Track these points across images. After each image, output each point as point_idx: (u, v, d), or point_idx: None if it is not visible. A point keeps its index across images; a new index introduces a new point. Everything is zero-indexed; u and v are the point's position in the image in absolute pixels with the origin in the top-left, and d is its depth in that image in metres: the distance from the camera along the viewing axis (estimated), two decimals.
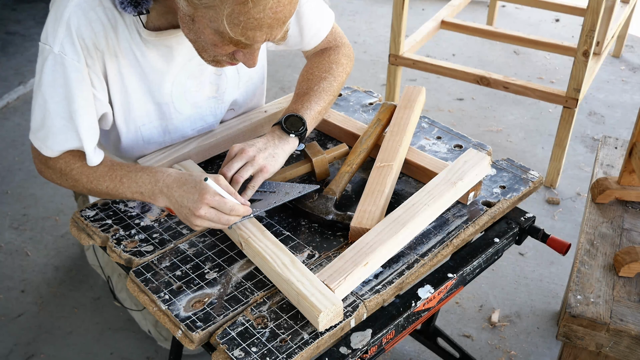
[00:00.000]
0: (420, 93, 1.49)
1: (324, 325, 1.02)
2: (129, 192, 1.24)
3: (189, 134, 1.44)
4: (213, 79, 1.39)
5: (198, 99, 1.39)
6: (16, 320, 1.96)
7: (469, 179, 1.25)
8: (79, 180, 1.28)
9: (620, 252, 1.42)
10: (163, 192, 1.20)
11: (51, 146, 1.26)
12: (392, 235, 1.12)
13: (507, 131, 2.93)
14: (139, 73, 1.27)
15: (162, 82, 1.31)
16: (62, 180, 1.31)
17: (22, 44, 3.62)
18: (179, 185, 1.18)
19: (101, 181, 1.26)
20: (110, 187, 1.25)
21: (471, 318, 1.99)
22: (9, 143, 2.81)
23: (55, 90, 1.20)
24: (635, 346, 1.28)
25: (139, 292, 1.12)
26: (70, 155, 1.28)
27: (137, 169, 1.24)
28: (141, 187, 1.22)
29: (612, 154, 1.79)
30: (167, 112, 1.36)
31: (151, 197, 1.22)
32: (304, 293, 1.03)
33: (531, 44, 2.85)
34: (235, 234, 1.18)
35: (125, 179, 1.24)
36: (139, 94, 1.30)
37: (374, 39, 3.82)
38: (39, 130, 1.25)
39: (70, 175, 1.28)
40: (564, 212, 2.42)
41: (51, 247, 2.24)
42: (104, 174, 1.26)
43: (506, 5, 4.22)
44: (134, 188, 1.23)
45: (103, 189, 1.26)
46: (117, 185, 1.24)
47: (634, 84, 3.33)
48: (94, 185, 1.27)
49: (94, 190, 1.28)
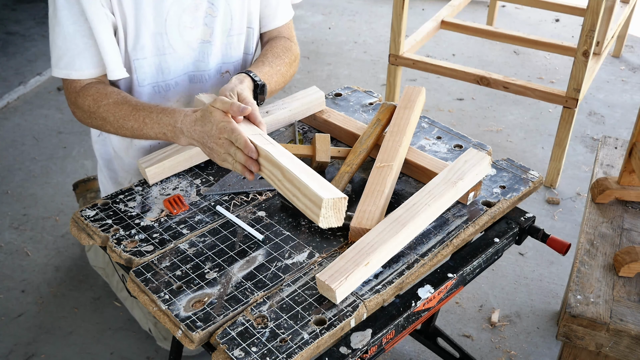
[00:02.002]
0: (420, 93, 1.49)
1: (333, 223, 1.06)
2: (152, 133, 1.30)
3: (182, 80, 1.48)
4: (209, 21, 1.43)
5: (192, 39, 1.43)
6: (16, 320, 1.96)
7: (469, 179, 1.25)
8: (107, 118, 1.33)
9: (620, 252, 1.42)
10: (184, 132, 1.26)
11: (79, 67, 1.33)
12: (393, 235, 1.13)
13: (507, 131, 2.93)
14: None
15: (157, 7, 1.35)
16: (93, 120, 1.36)
17: (22, 44, 3.62)
18: (196, 122, 1.24)
19: (126, 120, 1.32)
20: (135, 127, 1.31)
21: (471, 318, 1.99)
22: (9, 143, 2.81)
23: (71, 11, 1.28)
24: (635, 346, 1.28)
25: (139, 292, 1.12)
26: (97, 93, 1.34)
27: (158, 110, 1.30)
28: (163, 128, 1.28)
29: (612, 154, 1.79)
30: (160, 45, 1.39)
31: (174, 138, 1.28)
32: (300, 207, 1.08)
33: (531, 44, 2.85)
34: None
35: (148, 120, 1.30)
36: (133, 22, 1.34)
37: (374, 39, 3.82)
38: (62, 57, 1.32)
39: (98, 113, 1.34)
40: (564, 212, 2.42)
41: (51, 247, 2.24)
42: (128, 113, 1.31)
43: (506, 5, 4.22)
44: (157, 129, 1.29)
45: (129, 127, 1.32)
46: (142, 125, 1.30)
47: (634, 84, 3.34)
48: (120, 124, 1.32)
49: (122, 129, 1.33)
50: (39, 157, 2.72)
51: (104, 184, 1.71)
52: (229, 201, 1.32)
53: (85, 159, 2.71)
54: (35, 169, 2.64)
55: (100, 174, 1.71)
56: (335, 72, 3.43)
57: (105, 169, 1.66)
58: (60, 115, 3.02)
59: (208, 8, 1.42)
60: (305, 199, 1.08)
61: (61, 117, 3.00)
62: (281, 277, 1.13)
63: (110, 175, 1.66)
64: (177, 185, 1.37)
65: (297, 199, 1.11)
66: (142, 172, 1.37)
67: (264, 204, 1.32)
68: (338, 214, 1.07)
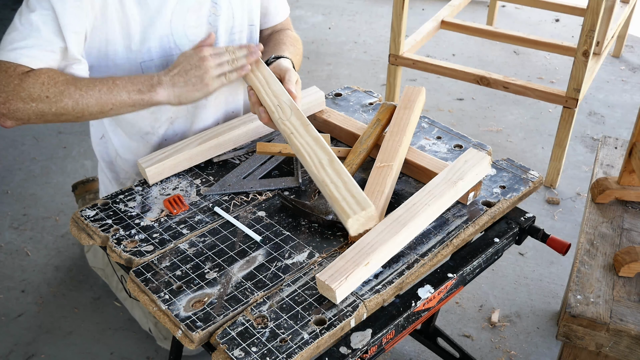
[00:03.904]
0: (420, 93, 1.49)
1: (355, 230, 1.04)
2: (124, 93, 1.24)
3: None
4: (212, 20, 1.43)
5: (196, 39, 1.42)
6: (16, 320, 1.96)
7: (469, 179, 1.25)
8: (65, 91, 1.20)
9: (620, 252, 1.42)
10: (162, 81, 1.25)
11: (34, 56, 1.21)
12: (392, 235, 1.12)
13: (507, 131, 2.93)
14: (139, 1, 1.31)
15: (161, 8, 1.34)
16: (40, 103, 1.19)
17: None
18: (174, 66, 1.25)
19: (92, 87, 1.22)
20: (104, 91, 1.22)
21: (471, 318, 1.99)
22: (9, 143, 2.81)
23: (40, 3, 1.22)
24: (635, 346, 1.28)
25: (139, 292, 1.12)
26: (52, 72, 1.22)
27: (130, 75, 1.28)
28: (137, 85, 1.25)
29: (612, 154, 1.79)
30: (167, 47, 1.38)
31: (150, 89, 1.25)
32: (335, 196, 1.05)
33: (531, 44, 2.85)
34: (279, 127, 1.22)
35: (119, 81, 1.25)
36: (139, 25, 1.33)
37: (374, 39, 3.82)
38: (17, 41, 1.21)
39: (54, 89, 1.20)
40: (564, 212, 2.42)
41: (51, 247, 2.24)
42: (94, 80, 1.24)
43: (506, 5, 4.22)
44: (130, 87, 1.25)
45: (95, 95, 1.22)
46: (112, 87, 1.23)
47: (634, 84, 3.34)
48: (84, 92, 1.21)
49: (83, 102, 1.22)
50: (39, 157, 2.72)
51: (105, 184, 1.71)
52: (229, 201, 1.32)
53: (85, 159, 2.71)
54: (35, 169, 2.64)
55: (102, 175, 1.71)
56: (335, 72, 3.43)
57: (107, 170, 1.66)
58: None
59: (212, 7, 1.43)
60: (347, 194, 1.08)
61: None
62: (281, 277, 1.13)
63: (112, 175, 1.66)
64: (177, 185, 1.37)
65: (337, 189, 1.10)
66: (142, 172, 1.37)
67: (263, 204, 1.32)
68: (365, 225, 1.08)
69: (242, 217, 1.28)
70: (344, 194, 1.06)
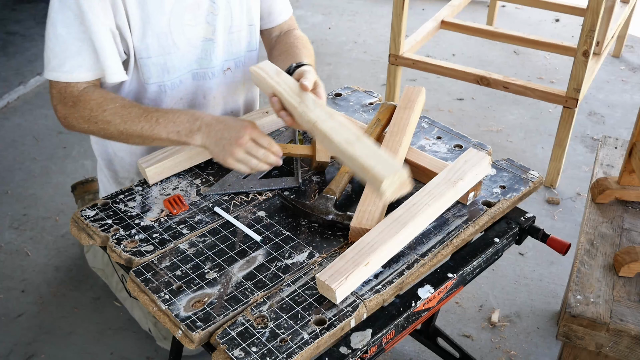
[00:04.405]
0: (420, 93, 1.49)
1: (390, 196, 1.06)
2: (164, 133, 1.29)
3: (186, 78, 1.48)
4: (210, 19, 1.44)
5: (193, 37, 1.43)
6: (16, 320, 1.96)
7: (469, 179, 1.25)
8: (112, 121, 1.31)
9: (620, 252, 1.42)
10: (201, 129, 1.28)
11: (69, 70, 1.30)
12: (393, 235, 1.12)
13: (507, 131, 2.93)
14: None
15: (160, 6, 1.35)
16: (91, 124, 1.33)
17: (22, 44, 3.62)
18: (219, 122, 1.28)
19: (136, 122, 1.30)
20: (146, 128, 1.30)
21: (471, 318, 1.99)
22: (9, 143, 2.81)
23: (65, 15, 1.27)
24: (635, 346, 1.28)
25: (139, 292, 1.12)
26: (101, 97, 1.32)
27: (174, 111, 1.32)
28: (179, 127, 1.29)
29: (612, 154, 1.79)
30: (165, 44, 1.40)
31: (188, 135, 1.29)
32: (366, 165, 1.08)
33: (531, 44, 2.85)
34: (304, 120, 1.23)
35: (162, 119, 1.30)
36: (138, 21, 1.34)
37: (374, 39, 3.82)
38: (52, 60, 1.30)
39: (102, 117, 1.31)
40: (564, 212, 2.42)
41: (51, 247, 2.23)
42: (139, 115, 1.31)
43: (506, 5, 4.22)
44: (171, 128, 1.29)
45: (137, 129, 1.30)
46: (153, 125, 1.29)
47: (634, 84, 3.33)
48: (127, 125, 1.30)
49: (127, 132, 1.31)
50: (39, 157, 2.72)
51: (104, 183, 1.71)
52: (229, 201, 1.32)
53: (85, 159, 2.71)
54: (35, 169, 2.64)
55: (101, 174, 1.71)
56: (335, 72, 3.43)
57: (106, 169, 1.66)
58: None
59: (210, 6, 1.43)
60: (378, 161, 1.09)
61: None
62: (281, 277, 1.13)
63: (111, 175, 1.66)
64: (177, 185, 1.37)
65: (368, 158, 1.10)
66: (142, 172, 1.37)
67: (263, 204, 1.32)
68: (399, 190, 1.10)
69: (242, 217, 1.28)
70: (375, 162, 1.09)
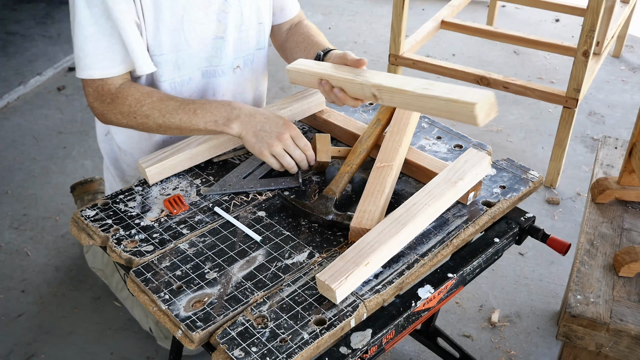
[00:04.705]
0: None
1: (482, 120, 1.05)
2: (202, 123, 1.33)
3: (195, 75, 1.49)
4: (222, 17, 1.45)
5: (204, 35, 1.44)
6: (16, 320, 1.96)
7: (469, 179, 1.25)
8: (150, 115, 1.35)
9: (620, 252, 1.42)
10: (240, 118, 1.31)
11: (102, 67, 1.33)
12: (393, 235, 1.12)
13: (507, 131, 2.93)
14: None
15: (173, 3, 1.36)
16: (131, 119, 1.37)
17: (22, 44, 3.62)
18: (260, 113, 1.31)
19: (174, 114, 1.34)
20: (184, 120, 1.34)
21: (471, 318, 1.99)
22: (9, 143, 2.81)
23: (92, 11, 1.29)
24: (635, 346, 1.28)
25: (139, 292, 1.12)
26: (138, 92, 1.36)
27: (212, 102, 1.35)
28: (216, 116, 1.32)
29: (612, 154, 1.79)
30: (177, 42, 1.41)
31: (226, 123, 1.32)
32: (452, 98, 1.07)
33: (531, 44, 2.84)
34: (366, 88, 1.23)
35: (200, 110, 1.33)
36: (152, 18, 1.35)
37: (374, 39, 3.82)
38: (83, 59, 1.33)
39: (141, 112, 1.35)
40: (564, 212, 2.42)
41: (51, 247, 2.24)
42: (176, 107, 1.34)
43: (506, 5, 4.22)
44: (209, 117, 1.32)
45: (176, 121, 1.34)
46: (191, 117, 1.33)
47: (634, 84, 3.33)
48: (166, 119, 1.35)
49: (165, 125, 1.35)
50: (39, 157, 2.72)
51: (110, 181, 1.72)
52: (229, 201, 1.32)
53: (85, 159, 2.71)
54: (35, 169, 2.64)
55: (107, 172, 1.72)
56: None
57: (112, 167, 1.67)
58: (60, 115, 3.02)
59: (221, 4, 1.44)
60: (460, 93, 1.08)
61: (61, 117, 3.00)
62: (281, 277, 1.13)
63: (117, 173, 1.67)
64: (177, 185, 1.37)
65: (450, 92, 1.10)
66: (142, 172, 1.37)
67: (263, 204, 1.32)
68: (489, 113, 1.08)
69: (242, 217, 1.28)
70: (459, 93, 1.08)
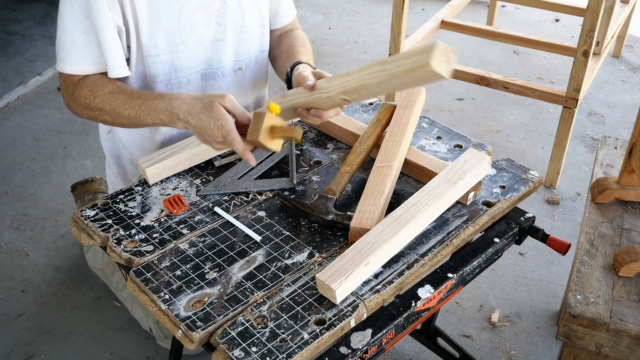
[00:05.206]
0: (420, 93, 1.49)
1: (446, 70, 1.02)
2: (150, 120, 1.32)
3: (194, 77, 1.49)
4: (221, 19, 1.45)
5: (204, 37, 1.44)
6: (16, 320, 1.96)
7: (469, 179, 1.25)
8: (103, 109, 1.35)
9: (620, 252, 1.42)
10: (180, 118, 1.28)
11: (74, 62, 1.34)
12: (393, 235, 1.12)
13: (507, 131, 2.93)
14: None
15: (170, 4, 1.36)
16: (89, 111, 1.38)
17: (22, 44, 3.62)
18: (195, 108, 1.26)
19: (123, 109, 1.34)
20: (132, 115, 1.33)
21: (471, 318, 1.99)
22: (9, 143, 2.81)
23: (73, 7, 1.30)
24: (635, 346, 1.28)
25: (139, 292, 1.12)
26: (93, 84, 1.36)
27: (153, 97, 1.32)
28: (160, 114, 1.31)
29: (612, 154, 1.79)
30: (174, 43, 1.41)
31: (171, 123, 1.30)
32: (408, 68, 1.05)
33: (531, 44, 2.84)
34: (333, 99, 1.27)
35: (144, 107, 1.32)
36: (147, 19, 1.35)
37: (374, 39, 3.82)
38: (59, 50, 1.34)
39: (94, 104, 1.35)
40: (564, 212, 2.42)
41: (51, 247, 2.24)
42: (124, 102, 1.34)
43: (506, 5, 4.22)
44: (154, 115, 1.31)
45: (126, 116, 1.34)
46: (138, 113, 1.33)
47: (634, 84, 3.34)
48: (117, 112, 1.34)
49: (119, 118, 1.35)
50: (39, 157, 2.72)
51: (112, 180, 1.72)
52: (229, 201, 1.32)
53: (85, 159, 2.71)
54: (35, 169, 2.64)
55: (109, 171, 1.72)
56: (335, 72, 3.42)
57: (115, 166, 1.67)
58: (60, 115, 3.02)
59: (220, 6, 1.44)
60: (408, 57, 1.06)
61: (61, 117, 3.01)
62: (281, 277, 1.13)
63: (119, 171, 1.67)
64: (177, 185, 1.37)
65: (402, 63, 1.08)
66: (142, 172, 1.37)
67: (263, 204, 1.32)
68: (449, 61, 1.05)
69: (242, 217, 1.28)
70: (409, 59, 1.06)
